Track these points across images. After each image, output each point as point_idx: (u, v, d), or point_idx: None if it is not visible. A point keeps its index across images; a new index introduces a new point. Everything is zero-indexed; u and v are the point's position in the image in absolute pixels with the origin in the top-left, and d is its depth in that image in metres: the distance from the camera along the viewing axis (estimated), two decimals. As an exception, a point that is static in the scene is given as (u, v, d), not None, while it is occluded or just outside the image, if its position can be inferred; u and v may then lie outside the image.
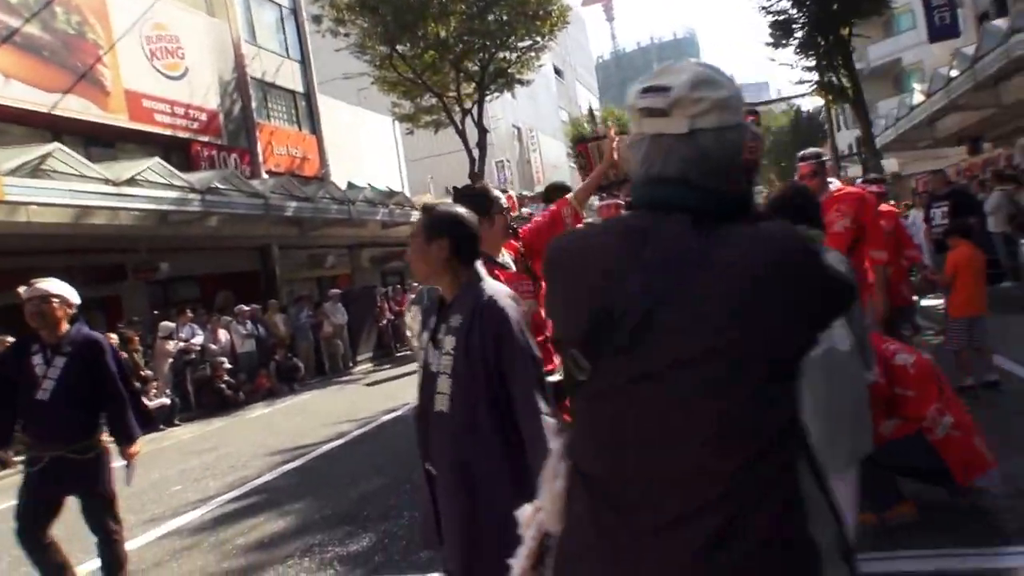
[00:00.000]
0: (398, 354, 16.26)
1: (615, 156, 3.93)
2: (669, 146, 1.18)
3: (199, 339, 12.19)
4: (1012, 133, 18.18)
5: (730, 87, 1.20)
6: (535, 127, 42.98)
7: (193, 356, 11.93)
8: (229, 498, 6.17)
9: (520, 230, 3.44)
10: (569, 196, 3.55)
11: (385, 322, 17.25)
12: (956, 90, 13.70)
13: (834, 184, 4.86)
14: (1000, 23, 12.47)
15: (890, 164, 27.67)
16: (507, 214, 3.00)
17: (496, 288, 2.21)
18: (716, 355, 1.06)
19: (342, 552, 4.33)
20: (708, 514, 1.06)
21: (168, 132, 16.85)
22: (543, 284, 2.65)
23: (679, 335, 1.08)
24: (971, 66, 12.69)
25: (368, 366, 15.77)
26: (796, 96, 29.56)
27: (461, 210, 2.31)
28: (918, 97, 16.83)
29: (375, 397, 10.93)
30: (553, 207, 3.61)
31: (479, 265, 2.25)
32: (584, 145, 5.97)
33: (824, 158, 4.58)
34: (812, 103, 28.62)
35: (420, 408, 2.25)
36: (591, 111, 48.20)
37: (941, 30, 20.04)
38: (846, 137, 34.67)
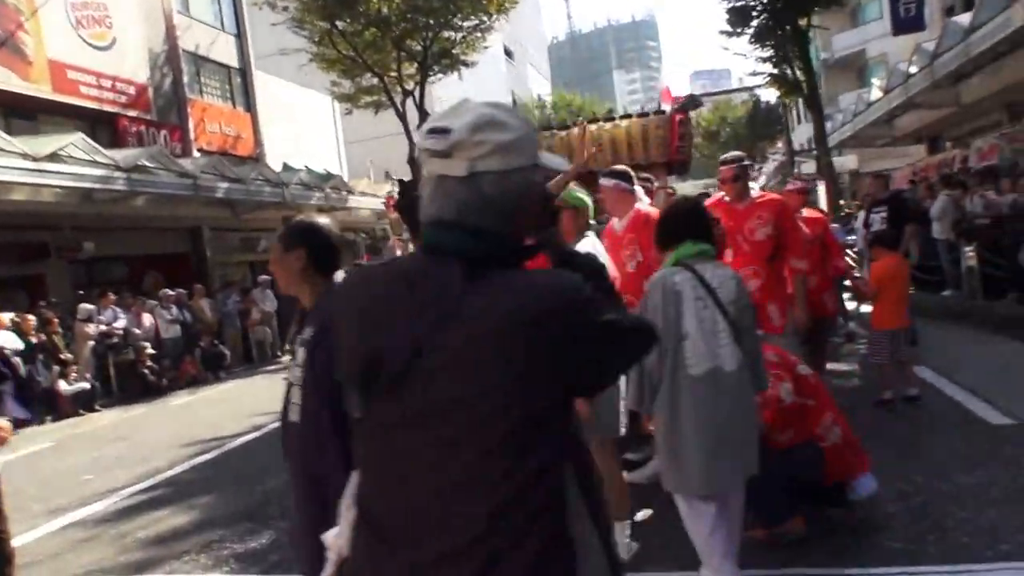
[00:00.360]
0: None
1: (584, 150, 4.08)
2: (450, 189, 1.20)
3: (122, 323, 12.03)
4: (971, 134, 18.40)
5: (518, 129, 1.21)
6: (483, 109, 42.78)
7: (115, 340, 11.77)
8: (137, 490, 6.21)
9: None
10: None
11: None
12: (914, 87, 13.76)
13: (755, 190, 4.96)
14: (963, 19, 12.30)
15: (849, 160, 27.79)
16: None
17: None
18: (468, 404, 1.11)
19: (240, 549, 4.45)
20: (466, 556, 1.10)
21: (94, 105, 16.40)
22: None
23: (436, 382, 1.13)
24: (930, 63, 12.68)
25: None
26: (752, 87, 29.56)
27: (321, 220, 2.35)
28: (876, 93, 16.85)
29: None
30: (614, 223, 3.86)
31: (339, 276, 2.27)
32: None
33: (746, 162, 4.65)
34: (772, 94, 28.68)
35: (281, 416, 2.29)
36: (539, 98, 48.25)
37: (906, 22, 20.03)
38: (805, 131, 34.70)
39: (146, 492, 6.14)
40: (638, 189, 4.17)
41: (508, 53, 50.74)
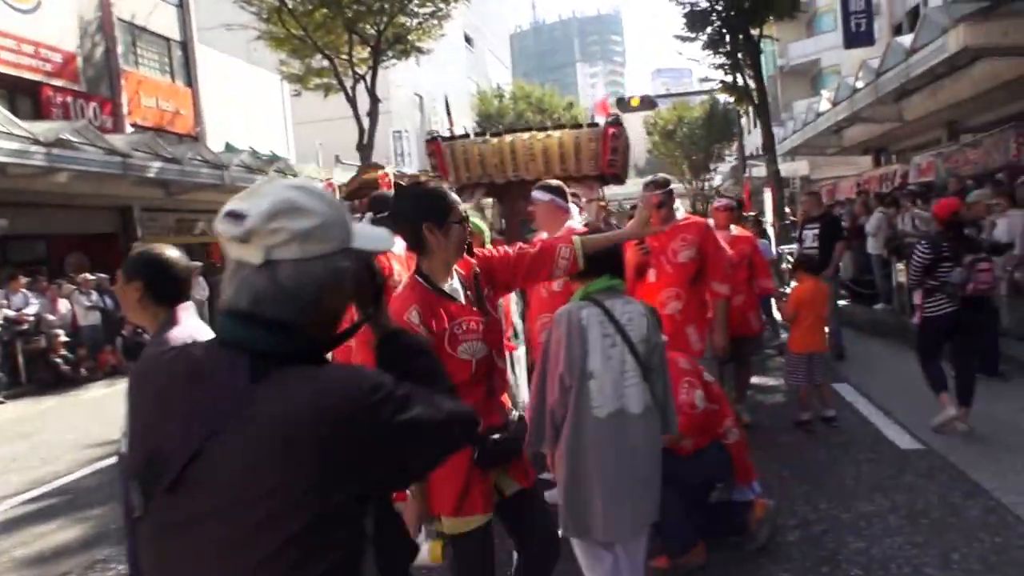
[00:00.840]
0: None
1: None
2: (246, 276, 1.15)
3: (33, 308, 11.42)
4: (913, 149, 19.14)
5: (321, 214, 1.16)
6: (439, 97, 42.44)
7: (26, 327, 11.21)
8: (28, 498, 5.89)
9: (476, 249, 2.69)
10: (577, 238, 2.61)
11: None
12: (859, 102, 14.19)
13: (680, 213, 4.96)
14: (905, 39, 12.77)
15: (800, 166, 28.58)
16: (466, 224, 2.40)
17: (179, 335, 2.16)
18: (247, 507, 1.05)
19: (125, 572, 4.23)
20: None
21: (12, 72, 15.62)
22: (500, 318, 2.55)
23: (216, 485, 1.07)
24: (874, 80, 13.13)
25: None
26: (710, 91, 29.98)
27: (166, 252, 2.35)
28: (825, 104, 17.38)
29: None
30: (544, 238, 3.10)
31: (181, 309, 2.27)
32: (437, 144, 5.91)
33: (671, 187, 4.62)
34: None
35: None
36: (499, 87, 47.99)
37: (857, 37, 20.75)
38: (759, 135, 35.72)
39: (37, 500, 5.83)
40: (571, 206, 4.07)
41: (468, 40, 50.39)
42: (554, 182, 4.03)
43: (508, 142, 5.64)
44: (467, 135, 6.04)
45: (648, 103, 19.69)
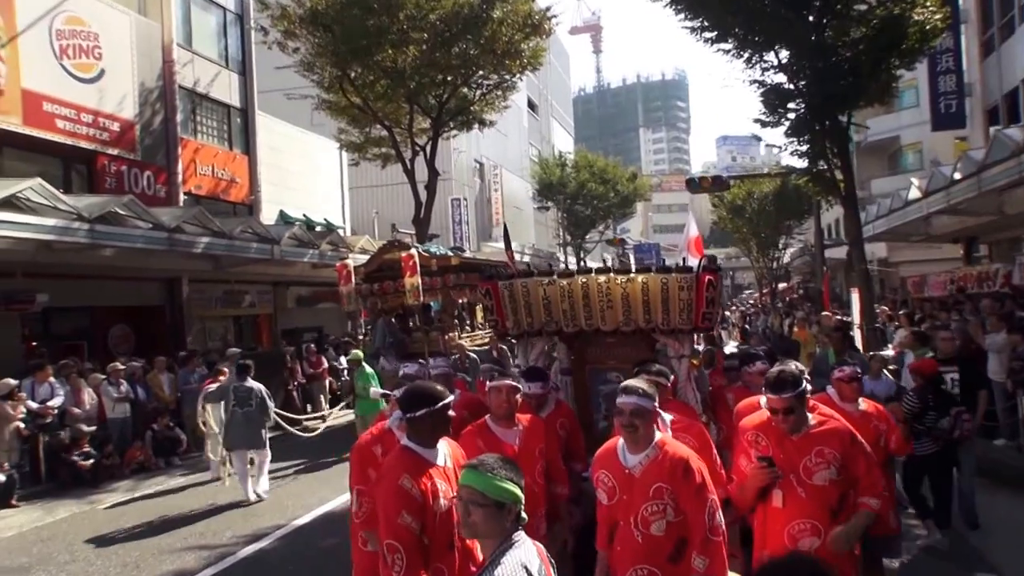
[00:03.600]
0: (307, 422, 15.05)
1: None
2: None
3: (58, 400, 10.91)
4: (1011, 241, 17.99)
5: None
6: (500, 163, 42.51)
7: (49, 420, 10.72)
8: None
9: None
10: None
11: (295, 385, 16.20)
12: (957, 195, 13.36)
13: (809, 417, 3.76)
14: (1014, 132, 12.29)
15: (877, 248, 27.43)
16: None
17: None
18: None
19: None
20: None
21: (69, 141, 15.70)
22: None
23: None
24: (976, 173, 12.33)
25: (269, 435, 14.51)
26: (785, 174, 29.05)
27: None
28: (915, 192, 16.51)
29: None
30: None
31: None
32: (493, 284, 5.14)
33: (803, 387, 3.54)
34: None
35: None
36: (561, 155, 47.89)
37: (946, 119, 20.05)
38: (833, 214, 34.46)
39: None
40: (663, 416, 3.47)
41: (532, 106, 50.69)
42: (636, 384, 3.44)
43: (580, 284, 4.82)
44: (530, 272, 5.20)
45: (721, 184, 18.87)
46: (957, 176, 13.11)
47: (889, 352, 11.29)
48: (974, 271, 16.29)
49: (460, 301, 16.00)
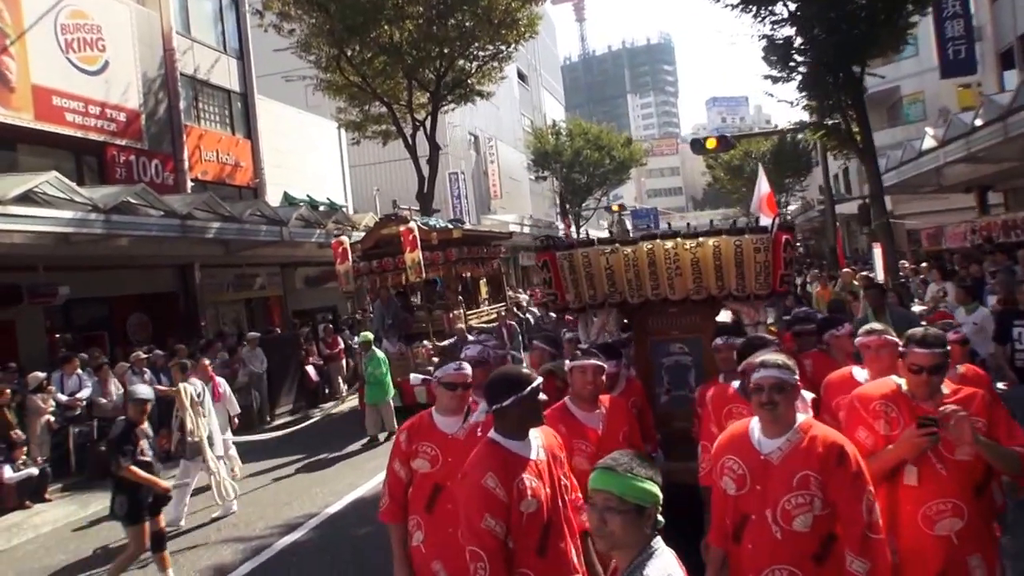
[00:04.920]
0: (324, 404, 14.83)
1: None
2: None
3: (87, 392, 10.76)
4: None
5: None
6: (495, 136, 42.01)
7: (79, 412, 10.58)
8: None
9: None
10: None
11: (311, 366, 15.90)
12: (978, 142, 12.90)
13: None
14: None
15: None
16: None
17: None
18: None
19: None
20: None
21: (79, 134, 15.47)
22: None
23: None
24: (1004, 118, 11.87)
25: (287, 419, 14.32)
26: (788, 130, 28.52)
27: None
28: (929, 142, 15.97)
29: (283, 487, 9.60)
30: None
31: None
32: (551, 255, 4.88)
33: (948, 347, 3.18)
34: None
35: None
36: (554, 123, 47.30)
37: (956, 65, 19.24)
38: (834, 168, 33.91)
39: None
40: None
41: (522, 77, 50.01)
42: (781, 357, 2.96)
43: (646, 251, 4.53)
44: (591, 241, 4.91)
45: (727, 144, 18.59)
46: (979, 123, 12.75)
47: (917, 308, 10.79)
48: (998, 219, 15.64)
49: (464, 276, 15.17)
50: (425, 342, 13.18)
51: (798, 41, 13.13)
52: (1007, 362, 6.55)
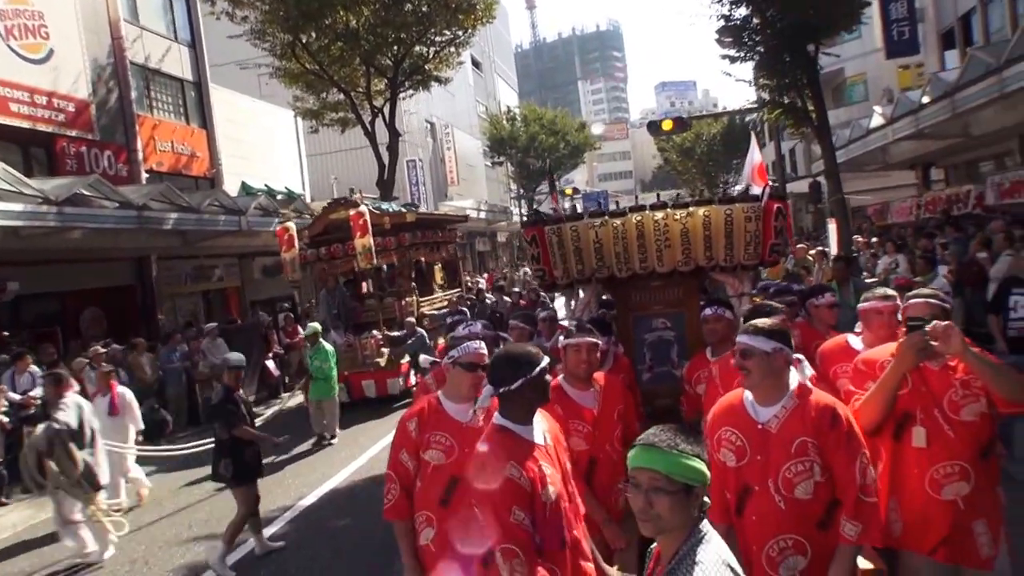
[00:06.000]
0: (285, 393, 14.24)
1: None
2: None
3: (41, 390, 10.17)
4: (969, 163, 17.84)
5: None
6: (451, 123, 41.51)
7: (33, 411, 9.99)
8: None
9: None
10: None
11: (272, 356, 15.34)
12: (927, 119, 13.04)
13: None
14: (982, 52, 11.92)
15: (822, 180, 27.59)
16: None
17: None
18: None
19: None
20: None
21: (26, 125, 14.63)
22: None
23: None
24: (951, 94, 12.04)
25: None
26: (740, 111, 28.68)
27: None
28: (877, 120, 16.13)
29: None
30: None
31: None
32: (539, 229, 4.55)
33: (948, 302, 3.09)
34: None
35: None
36: (509, 110, 46.98)
37: (900, 46, 19.49)
38: (783, 147, 34.23)
39: None
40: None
41: (476, 64, 49.48)
42: (760, 324, 2.83)
43: (635, 223, 4.29)
44: (579, 215, 4.67)
45: (682, 124, 18.51)
46: (926, 100, 12.92)
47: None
48: (943, 194, 15.93)
49: (418, 261, 14.42)
50: (375, 332, 12.62)
51: (755, 21, 13.11)
52: (1000, 333, 6.50)
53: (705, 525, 1.85)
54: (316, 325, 11.28)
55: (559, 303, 6.53)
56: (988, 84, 10.85)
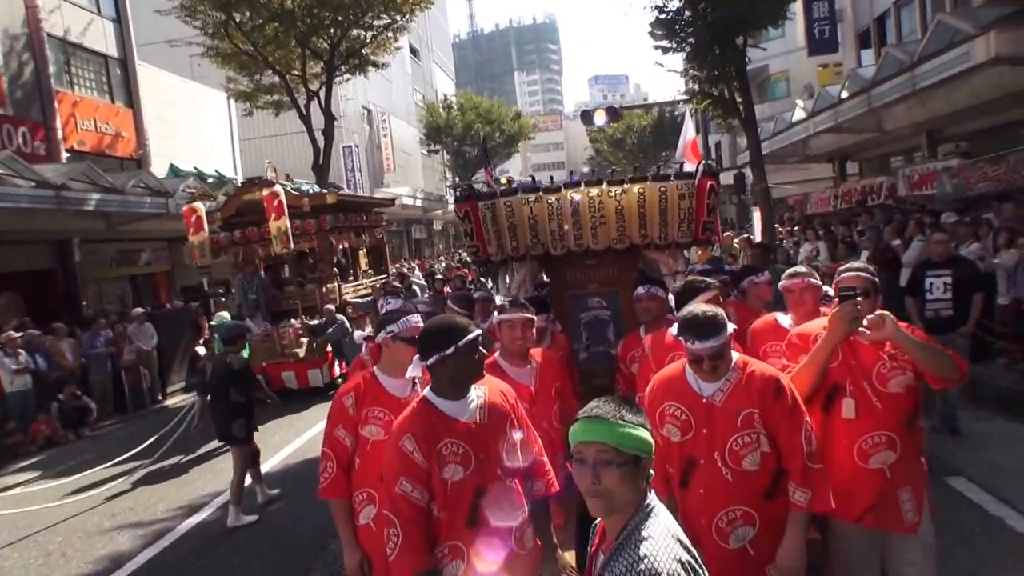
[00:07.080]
0: None
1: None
2: None
3: (-46, 375, 9.55)
4: (880, 157, 18.52)
5: None
6: (387, 110, 40.78)
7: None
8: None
9: None
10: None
11: (203, 342, 14.64)
12: (845, 113, 13.41)
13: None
14: (895, 51, 12.40)
15: (749, 172, 28.19)
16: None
17: None
18: None
19: None
20: None
21: (-70, 98, 13.62)
22: None
23: None
24: (868, 90, 12.39)
25: (181, 398, 13.09)
26: (672, 102, 29.02)
27: None
28: (799, 114, 16.55)
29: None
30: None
31: None
32: (472, 204, 4.38)
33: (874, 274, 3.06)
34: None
35: None
36: (446, 98, 46.50)
37: (821, 44, 20.18)
38: (710, 140, 34.88)
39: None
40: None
41: (414, 52, 48.75)
42: (710, 315, 2.72)
43: (570, 200, 4.22)
44: (514, 190, 4.55)
45: (614, 114, 18.58)
46: (845, 95, 13.31)
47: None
48: (858, 186, 16.49)
49: (341, 246, 13.62)
50: (293, 321, 11.98)
51: (687, 14, 13.21)
52: (917, 314, 6.65)
53: (652, 498, 1.75)
54: (225, 315, 10.61)
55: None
56: (902, 80, 11.23)
